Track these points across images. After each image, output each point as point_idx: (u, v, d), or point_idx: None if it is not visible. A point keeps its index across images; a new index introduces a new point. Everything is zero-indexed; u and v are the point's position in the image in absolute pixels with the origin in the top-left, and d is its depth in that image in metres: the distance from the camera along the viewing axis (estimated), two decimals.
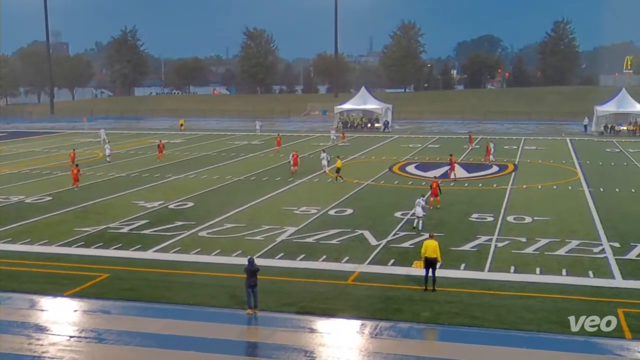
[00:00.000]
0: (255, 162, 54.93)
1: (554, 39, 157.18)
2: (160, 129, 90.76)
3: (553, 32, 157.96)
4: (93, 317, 20.26)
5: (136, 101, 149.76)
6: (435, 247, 22.08)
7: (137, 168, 50.62)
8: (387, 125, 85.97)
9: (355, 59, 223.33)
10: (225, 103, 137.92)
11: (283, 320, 19.67)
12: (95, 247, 27.77)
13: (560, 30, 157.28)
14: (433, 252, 21.97)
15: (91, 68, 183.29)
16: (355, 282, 23.24)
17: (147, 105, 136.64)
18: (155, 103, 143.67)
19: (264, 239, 28.84)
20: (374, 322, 19.43)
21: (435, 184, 36.42)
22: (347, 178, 45.05)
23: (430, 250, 22.00)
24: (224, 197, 38.90)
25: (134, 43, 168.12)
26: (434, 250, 22.01)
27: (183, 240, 28.80)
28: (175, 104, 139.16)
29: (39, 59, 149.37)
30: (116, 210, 35.14)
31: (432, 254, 21.96)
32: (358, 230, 30.27)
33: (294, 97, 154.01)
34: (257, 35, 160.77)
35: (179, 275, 24.18)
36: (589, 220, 32.39)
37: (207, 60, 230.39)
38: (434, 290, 21.79)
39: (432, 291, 21.76)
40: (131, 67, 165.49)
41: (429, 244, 22.16)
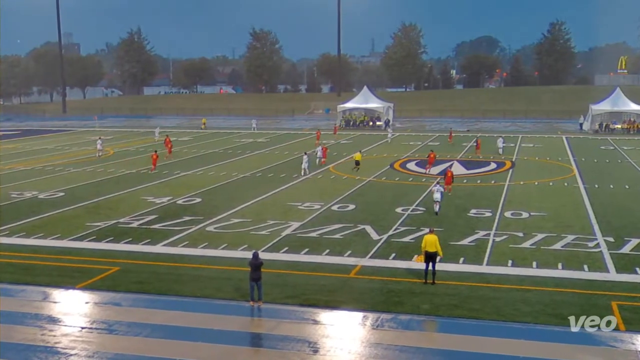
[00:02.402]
0: (261, 159, 54.92)
1: (550, 39, 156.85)
2: (169, 127, 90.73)
3: (549, 33, 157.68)
4: (104, 309, 20.28)
5: (145, 100, 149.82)
6: (435, 242, 22.06)
7: (146, 165, 50.58)
8: (388, 123, 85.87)
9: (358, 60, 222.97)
10: (232, 102, 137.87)
11: (287, 312, 19.66)
12: (106, 242, 27.80)
13: (556, 32, 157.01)
14: (433, 247, 21.96)
15: (102, 68, 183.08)
16: (357, 275, 23.23)
17: (156, 104, 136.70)
18: (163, 102, 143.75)
19: (269, 234, 28.84)
20: (376, 314, 19.42)
21: (450, 173, 38.22)
22: (349, 174, 45.04)
23: (430, 245, 21.99)
24: (230, 193, 38.90)
25: (141, 44, 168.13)
26: (434, 245, 21.99)
27: (191, 235, 28.81)
28: (183, 102, 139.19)
29: (52, 59, 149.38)
30: (126, 206, 35.16)
31: (431, 248, 21.95)
32: (360, 225, 30.24)
33: (298, 96, 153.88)
34: (263, 37, 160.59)
35: (186, 268, 24.19)
36: (584, 216, 32.33)
37: (214, 60, 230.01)
38: (433, 283, 21.78)
39: (431, 284, 21.74)
40: (140, 67, 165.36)
41: (429, 239, 22.15)
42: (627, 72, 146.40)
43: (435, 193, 32.72)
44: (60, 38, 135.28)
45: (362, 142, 67.42)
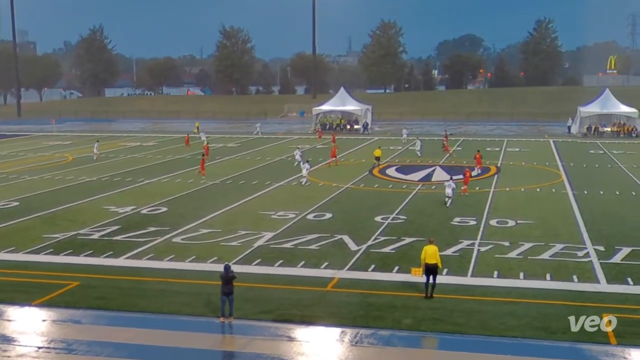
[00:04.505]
0: (232, 165, 54.78)
1: (536, 38, 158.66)
2: (133, 131, 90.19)
3: (535, 32, 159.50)
4: (62, 327, 20.06)
5: (107, 102, 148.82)
6: (435, 252, 21.96)
7: (108, 172, 50.24)
8: (367, 126, 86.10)
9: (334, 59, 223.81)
10: (200, 104, 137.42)
11: (260, 329, 19.61)
12: (64, 254, 27.53)
13: (542, 30, 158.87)
14: (433, 258, 21.84)
15: (60, 68, 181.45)
16: (334, 288, 23.24)
17: (119, 107, 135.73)
18: (127, 104, 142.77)
19: (240, 245, 28.76)
20: (354, 329, 19.44)
21: (469, 172, 40.20)
22: (325, 182, 45.09)
23: (431, 256, 21.86)
24: (198, 202, 38.74)
25: (102, 42, 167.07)
26: (434, 256, 21.89)
27: (156, 247, 28.64)
28: (148, 105, 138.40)
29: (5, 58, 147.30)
30: (86, 216, 34.85)
31: (432, 260, 21.83)
32: (337, 235, 30.27)
33: (271, 98, 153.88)
34: (233, 34, 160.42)
35: (152, 282, 24.02)
36: (573, 224, 32.68)
37: (180, 60, 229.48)
38: (431, 297, 21.72)
39: (429, 298, 21.66)
40: (101, 67, 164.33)
41: (429, 250, 22.01)
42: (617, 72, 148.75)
43: (447, 189, 36.47)
44: (14, 36, 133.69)
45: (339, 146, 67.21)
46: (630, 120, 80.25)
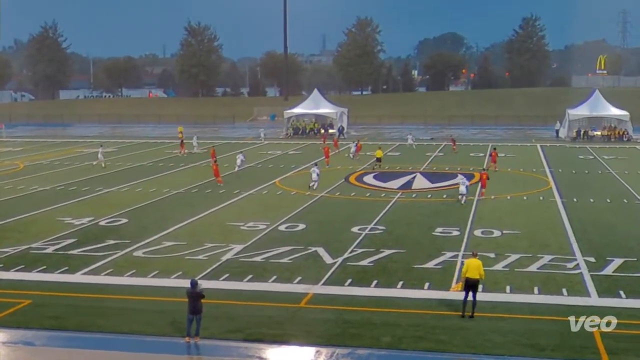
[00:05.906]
0: (197, 173, 54.57)
1: (522, 36, 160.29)
2: (90, 136, 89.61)
3: (521, 30, 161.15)
4: (13, 350, 19.86)
5: (62, 105, 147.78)
6: (479, 266, 21.68)
7: (63, 180, 49.83)
8: (342, 131, 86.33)
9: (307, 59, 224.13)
10: (163, 107, 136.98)
11: (228, 349, 19.56)
12: (15, 270, 27.25)
13: (528, 28, 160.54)
14: (476, 273, 21.57)
15: (9, 68, 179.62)
16: (308, 304, 23.23)
17: (74, 110, 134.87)
18: (83, 107, 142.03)
19: (207, 259, 28.66)
20: (330, 348, 19.43)
21: (485, 175, 42.32)
22: (299, 190, 45.13)
23: (473, 271, 21.59)
24: (161, 212, 38.57)
25: (56, 40, 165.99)
26: (477, 270, 21.63)
27: (116, 261, 28.44)
28: (107, 108, 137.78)
29: None
30: (39, 228, 34.54)
31: (474, 274, 21.55)
32: (311, 247, 30.28)
33: (240, 100, 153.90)
34: (200, 32, 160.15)
35: (111, 300, 23.85)
36: (562, 234, 32.97)
37: (141, 59, 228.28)
38: (472, 316, 21.46)
39: (469, 317, 21.43)
40: (55, 67, 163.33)
41: (472, 263, 21.75)
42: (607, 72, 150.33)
43: (461, 186, 39.97)
44: None
45: (313, 152, 67.49)
46: (622, 124, 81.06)
